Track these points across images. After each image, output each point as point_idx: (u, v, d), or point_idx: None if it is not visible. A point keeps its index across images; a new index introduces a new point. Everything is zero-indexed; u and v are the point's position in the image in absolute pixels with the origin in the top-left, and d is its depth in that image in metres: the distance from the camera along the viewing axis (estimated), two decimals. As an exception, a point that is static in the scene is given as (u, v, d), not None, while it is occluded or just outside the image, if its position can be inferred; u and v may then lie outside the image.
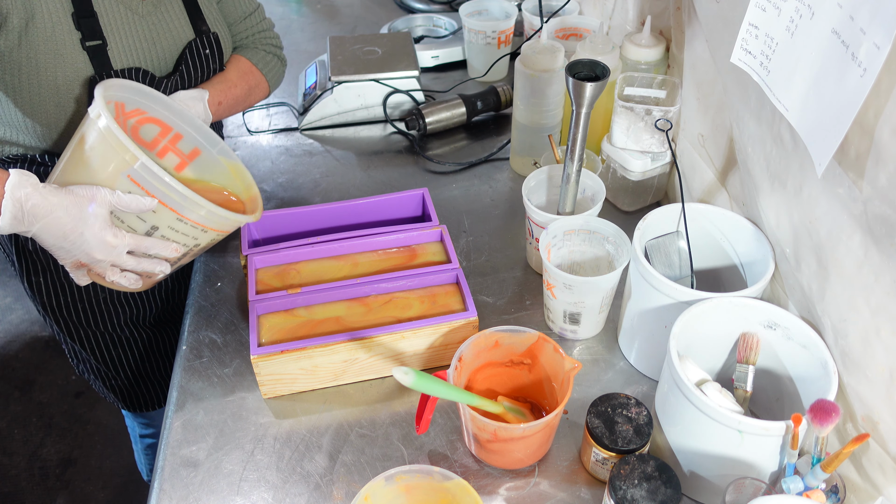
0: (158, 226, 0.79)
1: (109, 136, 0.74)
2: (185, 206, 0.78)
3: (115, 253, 0.77)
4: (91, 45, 0.87)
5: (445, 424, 0.84)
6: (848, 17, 0.53)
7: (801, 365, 0.73)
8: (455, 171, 1.24)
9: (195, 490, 0.79)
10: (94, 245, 0.76)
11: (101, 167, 0.76)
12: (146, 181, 0.76)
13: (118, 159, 0.75)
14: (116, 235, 0.76)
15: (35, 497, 1.81)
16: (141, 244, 0.78)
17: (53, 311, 1.05)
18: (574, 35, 1.31)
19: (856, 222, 0.61)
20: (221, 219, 0.81)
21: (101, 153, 0.75)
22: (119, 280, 0.81)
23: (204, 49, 0.99)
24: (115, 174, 0.76)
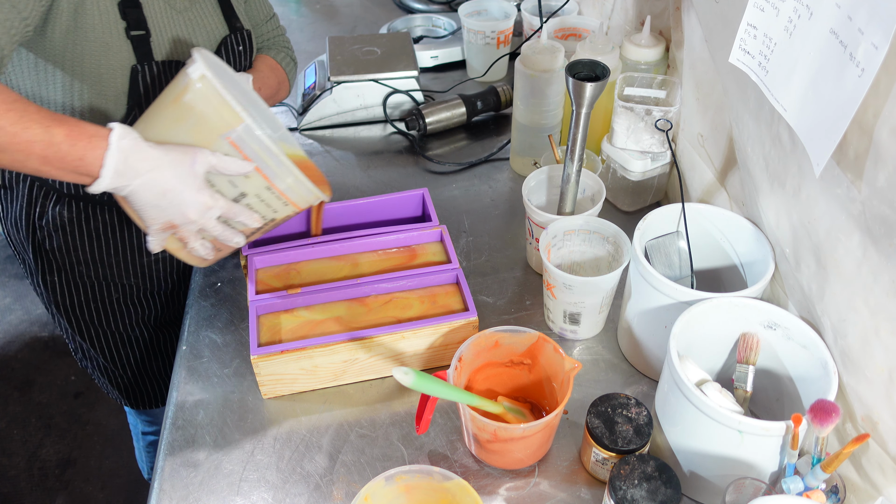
0: (247, 193, 0.79)
1: (214, 97, 0.74)
2: (279, 173, 0.78)
3: (209, 215, 0.77)
4: (135, 35, 0.87)
5: (445, 424, 0.84)
6: (846, 18, 0.53)
7: (801, 365, 0.73)
8: (455, 171, 1.24)
9: (195, 490, 0.79)
10: (192, 205, 0.75)
11: (200, 128, 0.75)
12: (246, 145, 0.76)
13: (220, 121, 0.75)
14: (213, 197, 0.76)
15: (34, 497, 1.81)
16: (231, 209, 0.78)
17: (66, 310, 1.05)
18: (573, 35, 1.31)
19: (854, 222, 0.61)
20: (306, 191, 0.81)
21: (201, 113, 0.75)
22: (198, 248, 0.80)
23: (238, 45, 1.00)
24: (214, 135, 0.75)
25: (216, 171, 0.75)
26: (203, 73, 0.74)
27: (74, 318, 1.07)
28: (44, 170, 0.72)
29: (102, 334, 1.09)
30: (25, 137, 0.69)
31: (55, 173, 0.72)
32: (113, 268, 1.03)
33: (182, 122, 0.75)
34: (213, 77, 0.74)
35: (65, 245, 0.99)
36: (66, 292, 1.03)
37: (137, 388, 1.20)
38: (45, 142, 0.70)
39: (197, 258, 0.83)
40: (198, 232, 0.79)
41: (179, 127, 0.75)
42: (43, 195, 0.96)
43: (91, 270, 1.02)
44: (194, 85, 0.74)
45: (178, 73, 0.79)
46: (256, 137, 0.75)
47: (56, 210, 0.96)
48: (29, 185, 0.96)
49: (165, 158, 0.73)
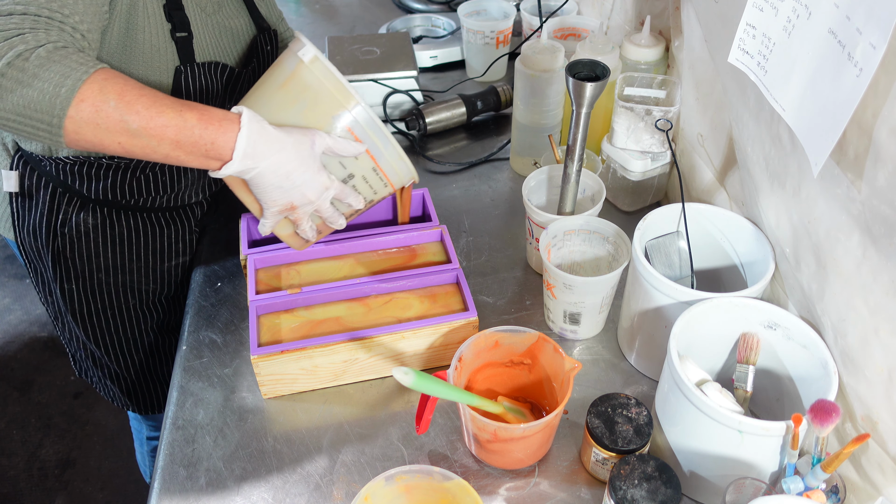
0: (355, 174, 0.80)
1: (328, 80, 0.76)
2: (385, 154, 0.80)
3: (326, 196, 0.78)
4: (180, 37, 0.87)
5: (445, 424, 0.84)
6: (844, 17, 0.53)
7: (802, 365, 0.73)
8: (455, 171, 1.24)
9: (195, 490, 0.78)
10: (313, 185, 0.77)
11: (314, 109, 0.76)
12: (359, 127, 0.77)
13: (334, 103, 0.76)
14: (329, 178, 0.78)
15: (34, 498, 1.81)
16: (342, 191, 0.80)
17: (84, 318, 1.05)
18: (572, 35, 1.31)
19: (854, 222, 0.61)
20: (405, 171, 0.83)
21: (315, 95, 0.76)
22: (307, 230, 0.82)
23: (266, 45, 1.01)
24: (327, 117, 0.77)
25: (332, 152, 0.77)
26: (315, 54, 0.76)
27: (90, 326, 1.06)
28: (173, 155, 0.72)
29: (116, 340, 1.09)
30: (160, 122, 0.70)
31: (184, 158, 0.72)
32: (133, 274, 1.03)
33: (294, 105, 0.77)
34: (325, 59, 0.76)
35: (86, 252, 0.99)
36: (85, 300, 1.03)
37: (145, 392, 1.20)
38: (178, 126, 0.70)
39: (300, 241, 0.85)
40: (311, 213, 0.80)
41: (292, 109, 0.77)
42: (66, 202, 0.96)
43: (111, 277, 1.02)
44: (305, 68, 0.76)
45: (281, 57, 0.80)
46: (368, 119, 0.77)
47: (80, 217, 0.96)
48: (51, 191, 0.95)
49: (289, 140, 0.74)
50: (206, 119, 0.71)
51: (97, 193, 0.95)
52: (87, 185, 0.94)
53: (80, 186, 0.94)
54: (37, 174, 0.95)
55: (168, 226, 1.03)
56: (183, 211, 1.05)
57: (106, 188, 0.95)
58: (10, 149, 0.96)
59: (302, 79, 0.76)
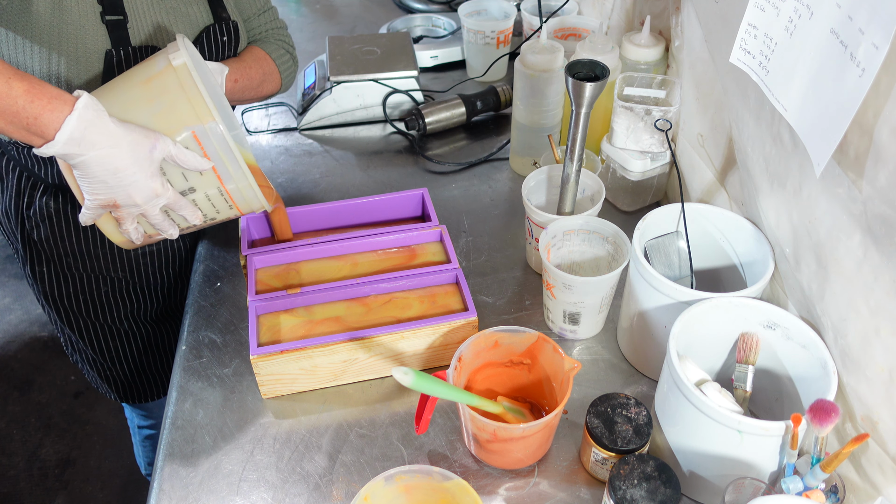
0: (196, 189, 0.78)
1: (190, 89, 0.73)
2: (234, 177, 0.77)
3: (155, 203, 0.76)
4: (111, 20, 0.86)
5: (445, 424, 0.84)
6: (846, 18, 0.53)
7: (801, 365, 0.73)
8: (455, 171, 1.24)
9: (195, 490, 0.78)
10: (142, 189, 0.74)
11: (167, 114, 0.74)
12: (209, 143, 0.75)
13: (190, 113, 0.74)
14: (163, 185, 0.76)
15: (34, 497, 1.81)
16: (177, 202, 0.78)
17: (55, 300, 1.05)
18: (573, 35, 1.31)
19: (855, 222, 0.61)
20: (254, 199, 0.81)
21: (172, 101, 0.74)
22: (131, 231, 0.80)
23: (222, 36, 0.99)
24: (179, 126, 0.74)
25: (174, 161, 0.75)
26: (184, 61, 0.74)
27: (63, 309, 1.07)
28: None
29: (91, 326, 1.09)
30: None
31: (5, 128, 0.70)
32: (99, 259, 1.03)
33: (149, 105, 0.74)
34: (193, 68, 0.73)
35: (52, 236, 0.99)
36: (56, 283, 1.03)
37: (130, 382, 1.19)
38: (1, 92, 0.68)
39: (124, 240, 0.82)
40: (137, 216, 0.78)
41: (145, 108, 0.74)
42: (31, 186, 0.96)
43: (78, 262, 1.02)
44: (172, 72, 0.73)
45: (155, 54, 0.78)
46: (221, 138, 0.75)
47: (43, 201, 0.97)
48: (18, 175, 0.96)
49: (126, 138, 0.72)
50: (36, 93, 0.69)
51: (53, 178, 0.96)
52: (46, 168, 0.95)
53: (40, 170, 0.95)
54: (6, 158, 0.96)
55: None
56: None
57: (58, 173, 0.95)
58: None
59: (165, 81, 0.74)
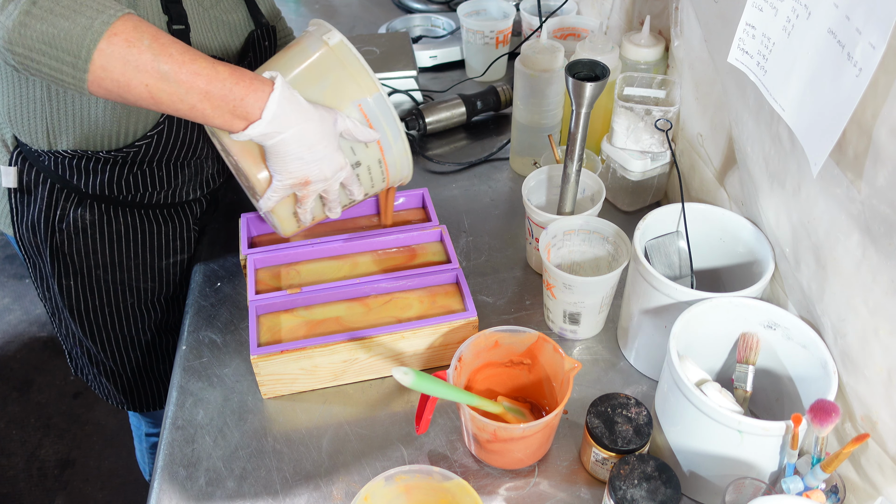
0: (362, 162, 0.81)
1: (351, 64, 0.77)
2: (394, 148, 0.81)
3: (339, 176, 0.79)
4: (177, 30, 0.87)
5: (445, 424, 0.85)
6: (844, 17, 0.53)
7: (801, 365, 0.73)
8: (455, 171, 1.24)
9: (195, 490, 0.78)
10: (331, 162, 0.77)
11: (335, 91, 0.77)
12: (374, 115, 0.78)
13: (356, 87, 0.77)
14: (345, 159, 0.78)
15: (33, 498, 1.81)
16: (350, 176, 0.80)
17: (81, 314, 1.05)
18: (572, 35, 1.31)
19: (854, 222, 0.61)
20: (406, 167, 0.84)
21: (337, 78, 0.77)
22: (308, 213, 0.82)
23: (264, 41, 1.01)
24: (346, 101, 0.78)
25: (349, 135, 0.78)
26: (341, 39, 0.77)
27: (87, 323, 1.06)
28: (199, 107, 0.70)
29: (113, 338, 1.09)
30: (192, 68, 0.69)
31: (210, 113, 0.71)
32: (131, 271, 1.03)
33: (315, 84, 0.77)
34: (350, 45, 0.77)
35: (84, 248, 0.99)
36: (82, 296, 1.03)
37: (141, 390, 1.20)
38: (209, 76, 0.69)
39: (293, 224, 0.84)
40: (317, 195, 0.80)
41: (314, 87, 0.77)
42: (64, 197, 0.96)
43: (108, 274, 1.02)
44: (330, 51, 0.77)
45: (297, 41, 0.81)
46: (385, 107, 0.78)
47: (77, 212, 0.96)
48: (49, 187, 0.95)
49: (315, 114, 0.74)
50: (239, 75, 0.71)
51: (94, 188, 0.95)
52: (85, 179, 0.94)
53: (78, 181, 0.94)
54: (35, 170, 0.95)
55: (166, 223, 1.03)
56: (181, 208, 1.05)
57: (103, 183, 0.95)
58: (8, 145, 0.96)
59: (326, 60, 0.77)
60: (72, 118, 0.90)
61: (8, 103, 0.90)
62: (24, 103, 0.89)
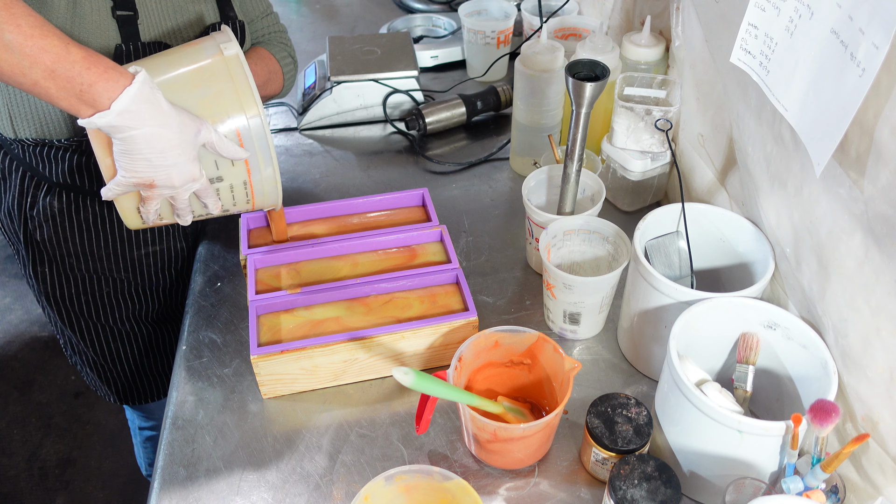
0: (224, 178, 0.79)
1: (239, 80, 0.75)
2: (263, 173, 0.79)
3: (190, 187, 0.76)
4: (122, 15, 0.86)
5: (445, 424, 0.84)
6: (847, 17, 0.53)
7: (801, 365, 0.73)
8: (455, 171, 1.24)
9: (195, 490, 0.78)
10: (182, 172, 0.74)
11: (213, 102, 0.75)
12: (248, 137, 0.77)
13: (235, 103, 0.75)
14: (201, 171, 0.76)
15: (34, 497, 1.81)
16: (206, 189, 0.78)
17: (56, 301, 1.05)
18: (573, 35, 1.31)
19: (856, 222, 0.61)
20: (273, 198, 0.82)
21: (219, 90, 0.75)
22: (151, 213, 0.79)
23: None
24: (223, 115, 0.76)
25: (213, 148, 0.75)
26: (237, 52, 0.75)
27: (65, 310, 1.07)
28: (43, 84, 0.67)
29: (93, 327, 1.09)
30: (40, 43, 0.66)
31: (54, 93, 0.68)
32: (102, 260, 1.03)
33: (195, 90, 0.75)
34: (244, 60, 0.75)
35: (55, 236, 0.99)
36: (57, 284, 1.03)
37: (130, 383, 1.19)
38: (58, 54, 0.67)
39: (137, 220, 0.81)
40: (164, 198, 0.78)
41: (190, 92, 0.75)
42: (34, 185, 0.96)
43: (81, 262, 1.02)
44: (222, 61, 0.75)
45: (199, 40, 0.79)
46: (261, 132, 0.76)
47: (46, 200, 0.96)
48: (21, 175, 0.96)
49: (176, 119, 0.72)
50: (93, 61, 0.68)
51: (58, 177, 0.95)
52: (49, 168, 0.95)
53: (43, 170, 0.95)
54: (9, 158, 0.96)
55: None
56: None
57: (64, 172, 0.95)
58: None
59: (214, 69, 0.75)
60: (26, 106, 0.90)
61: None
62: None
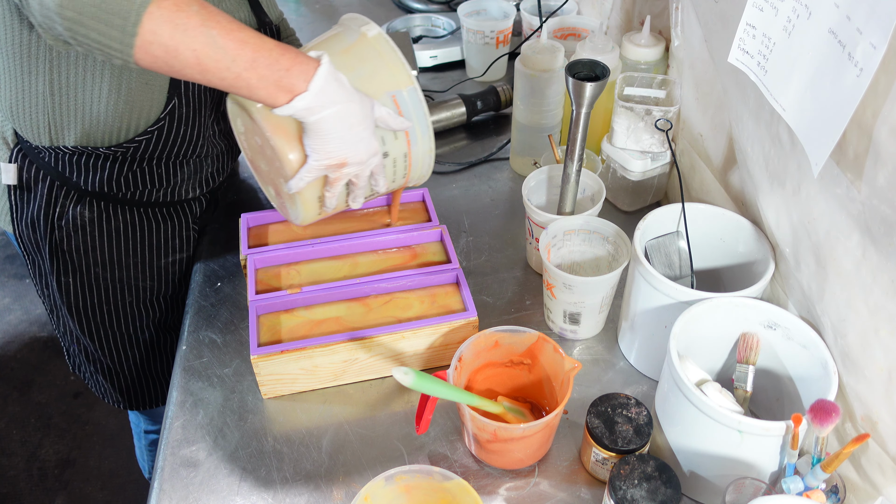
0: (389, 153, 0.81)
1: (389, 55, 0.79)
2: (420, 143, 0.82)
3: (372, 161, 0.79)
4: None
5: (445, 424, 0.85)
6: (845, 17, 0.53)
7: (801, 365, 0.73)
8: (455, 171, 1.24)
9: (195, 490, 0.79)
10: (368, 146, 0.77)
11: (370, 80, 0.78)
12: (407, 106, 0.79)
13: (391, 78, 0.79)
14: (378, 145, 0.78)
15: (34, 498, 1.81)
16: (380, 164, 0.80)
17: (79, 312, 1.05)
18: (572, 35, 1.31)
19: (854, 222, 0.61)
20: (427, 166, 0.85)
21: (373, 68, 0.78)
22: (334, 199, 0.81)
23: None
24: (381, 90, 0.78)
25: (383, 122, 0.78)
26: (380, 31, 0.79)
27: (86, 320, 1.06)
28: (245, 76, 0.69)
29: (112, 336, 1.09)
30: (240, 35, 0.68)
31: (255, 83, 0.70)
32: (129, 269, 1.03)
33: (353, 71, 0.77)
34: (388, 37, 0.78)
35: (83, 245, 0.99)
36: (81, 294, 1.03)
37: (139, 388, 1.20)
38: (257, 43, 0.69)
39: (314, 211, 0.83)
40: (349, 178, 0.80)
41: (350, 74, 0.76)
42: (64, 195, 0.96)
43: (108, 272, 1.02)
44: (367, 42, 0.78)
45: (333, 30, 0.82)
46: (418, 101, 0.79)
47: (77, 210, 0.96)
48: (49, 184, 0.95)
49: (356, 95, 0.74)
50: (285, 48, 0.71)
51: (94, 185, 0.95)
52: (85, 176, 0.94)
53: (78, 178, 0.95)
54: (35, 167, 0.95)
55: (165, 221, 1.03)
56: (180, 206, 1.05)
57: (102, 180, 0.95)
58: (9, 142, 0.96)
59: (363, 50, 0.78)
60: (74, 113, 0.89)
61: (10, 99, 0.90)
62: (26, 99, 0.89)
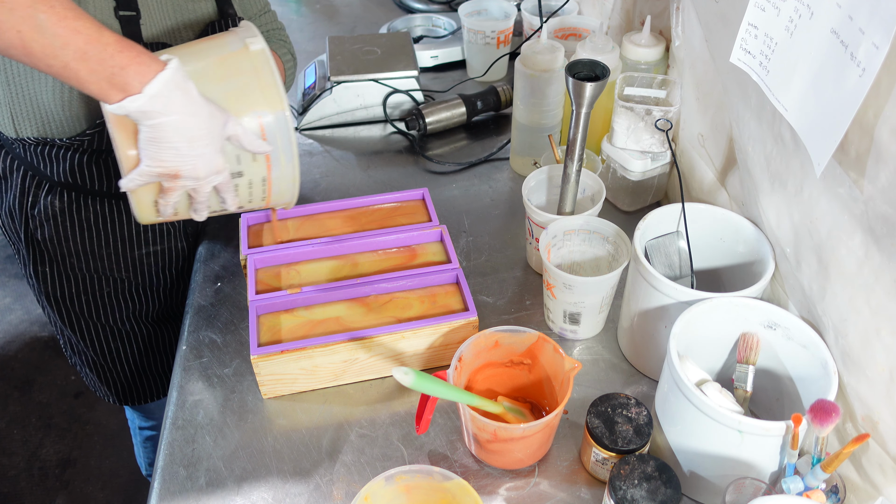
0: (244, 174, 0.78)
1: (264, 74, 0.75)
2: (283, 170, 0.78)
3: (212, 179, 0.75)
4: (124, 16, 0.86)
5: (445, 424, 0.84)
6: (847, 17, 0.53)
7: (801, 365, 0.73)
8: (455, 171, 1.24)
9: (195, 490, 0.78)
10: (208, 163, 0.73)
11: (238, 96, 0.75)
12: (272, 130, 0.76)
13: (261, 99, 0.75)
14: (224, 164, 0.75)
15: (34, 497, 1.81)
16: (226, 184, 0.77)
17: (56, 301, 1.05)
18: (573, 35, 1.31)
19: (856, 222, 0.61)
20: (289, 196, 0.81)
21: (245, 84, 0.75)
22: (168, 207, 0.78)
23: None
24: (248, 109, 0.75)
25: (238, 142, 0.75)
26: (263, 47, 0.75)
27: (65, 310, 1.07)
28: (73, 66, 0.65)
29: (93, 327, 1.09)
30: (74, 25, 0.65)
31: (84, 76, 0.66)
32: (103, 260, 1.03)
33: (220, 82, 0.75)
34: (270, 56, 0.75)
35: (56, 235, 0.99)
36: (58, 284, 1.03)
37: (130, 383, 1.19)
38: (91, 36, 0.65)
39: (151, 214, 0.79)
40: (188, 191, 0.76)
41: (216, 85, 0.74)
42: (36, 185, 0.96)
43: (81, 262, 1.02)
44: (248, 56, 0.75)
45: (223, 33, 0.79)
46: (286, 128, 0.76)
47: (47, 200, 0.96)
48: (22, 174, 0.96)
49: (206, 108, 0.71)
50: (125, 45, 0.67)
51: (59, 176, 0.95)
52: (50, 167, 0.95)
53: (45, 169, 0.95)
54: (10, 157, 0.95)
55: None
56: None
57: (65, 171, 0.95)
58: None
59: (239, 63, 0.75)
60: (28, 104, 0.89)
61: None
62: None
